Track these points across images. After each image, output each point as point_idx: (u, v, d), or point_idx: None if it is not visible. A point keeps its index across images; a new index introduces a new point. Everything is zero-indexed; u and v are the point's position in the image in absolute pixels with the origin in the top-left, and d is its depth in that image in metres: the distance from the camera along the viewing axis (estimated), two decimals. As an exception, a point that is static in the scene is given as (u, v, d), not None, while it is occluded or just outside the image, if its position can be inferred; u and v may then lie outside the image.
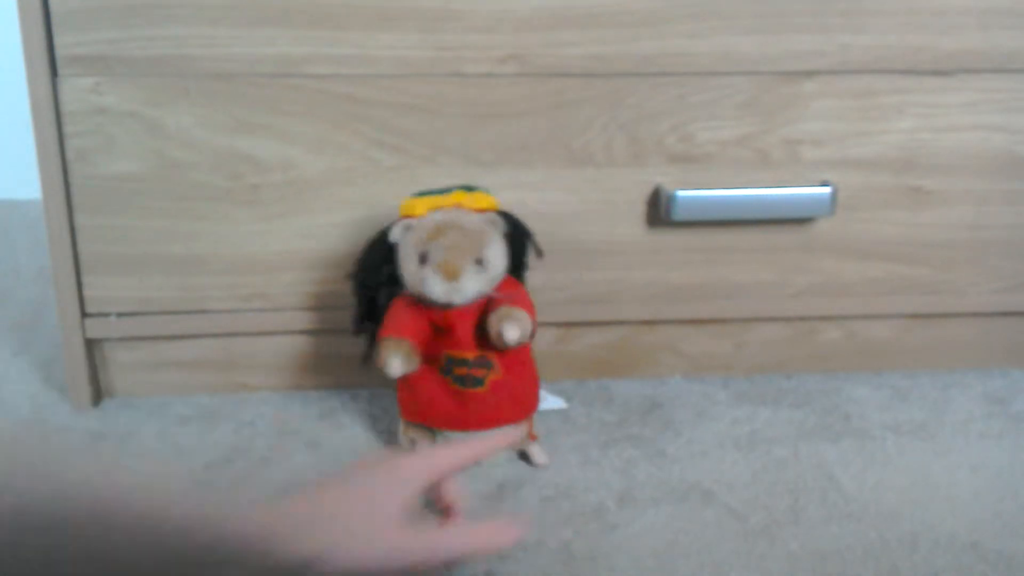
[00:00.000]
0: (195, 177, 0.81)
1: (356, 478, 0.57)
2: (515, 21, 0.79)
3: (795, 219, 0.86)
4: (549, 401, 0.86)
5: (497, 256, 0.74)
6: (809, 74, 0.83)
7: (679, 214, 0.83)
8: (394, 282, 0.76)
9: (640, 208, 0.85)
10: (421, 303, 0.74)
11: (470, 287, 0.72)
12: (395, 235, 0.75)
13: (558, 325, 0.89)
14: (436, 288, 0.72)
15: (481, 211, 0.75)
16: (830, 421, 0.86)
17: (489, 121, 0.82)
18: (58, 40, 0.77)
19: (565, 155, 0.83)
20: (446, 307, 0.73)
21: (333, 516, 0.53)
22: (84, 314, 0.84)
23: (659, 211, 0.85)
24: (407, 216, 0.75)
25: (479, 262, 0.73)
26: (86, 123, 0.79)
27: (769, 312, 0.90)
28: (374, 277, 0.77)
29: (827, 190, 0.84)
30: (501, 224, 0.75)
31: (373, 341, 0.80)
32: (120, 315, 0.85)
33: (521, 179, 0.83)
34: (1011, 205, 0.88)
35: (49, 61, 0.78)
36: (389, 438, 0.82)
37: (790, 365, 0.94)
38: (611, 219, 0.85)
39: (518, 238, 0.77)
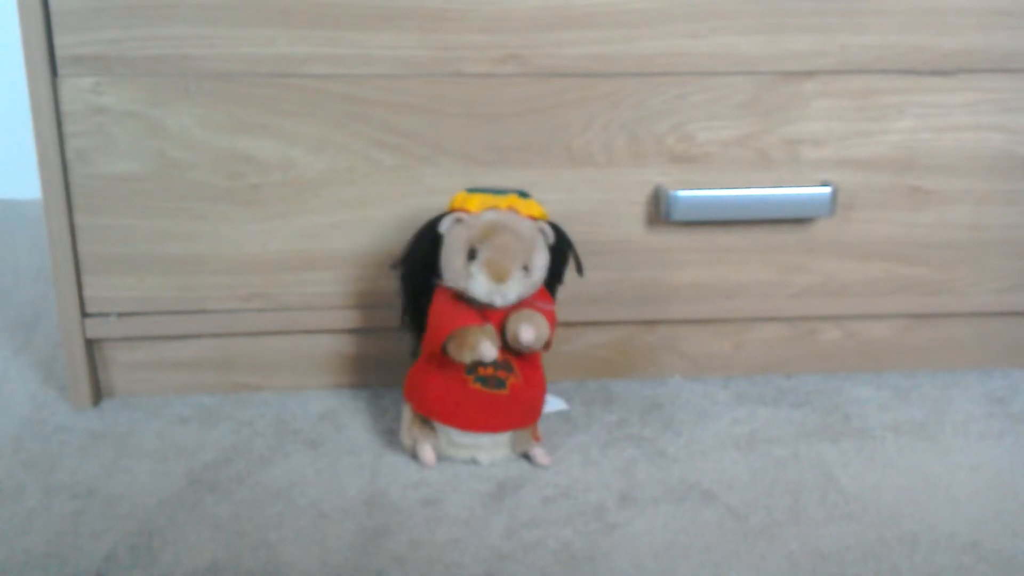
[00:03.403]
0: (195, 177, 0.81)
1: None
2: (515, 21, 0.79)
3: (795, 219, 0.86)
4: (551, 403, 0.86)
5: (542, 265, 0.74)
6: (809, 74, 0.83)
7: (679, 214, 0.83)
8: (436, 274, 0.76)
9: (640, 208, 0.85)
10: (459, 298, 0.74)
11: (514, 291, 0.73)
12: (444, 226, 0.75)
13: (558, 325, 0.89)
14: (481, 287, 0.72)
15: (532, 218, 0.75)
16: (830, 421, 0.86)
17: (489, 121, 0.82)
18: (58, 40, 0.77)
19: (565, 155, 0.83)
20: (484, 306, 0.74)
21: None
22: (84, 314, 0.84)
23: (659, 211, 0.85)
24: (458, 209, 0.75)
25: (526, 268, 0.73)
26: (86, 123, 0.79)
27: (769, 312, 0.90)
28: (422, 268, 0.77)
29: (827, 190, 0.84)
30: (550, 234, 0.75)
31: (419, 334, 0.80)
32: (120, 315, 0.85)
33: (521, 179, 0.83)
34: (1010, 205, 0.88)
35: (49, 61, 0.77)
36: (390, 438, 0.82)
37: (790, 365, 0.94)
38: (611, 219, 0.85)
39: (561, 251, 0.78)
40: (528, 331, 0.72)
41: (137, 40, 0.78)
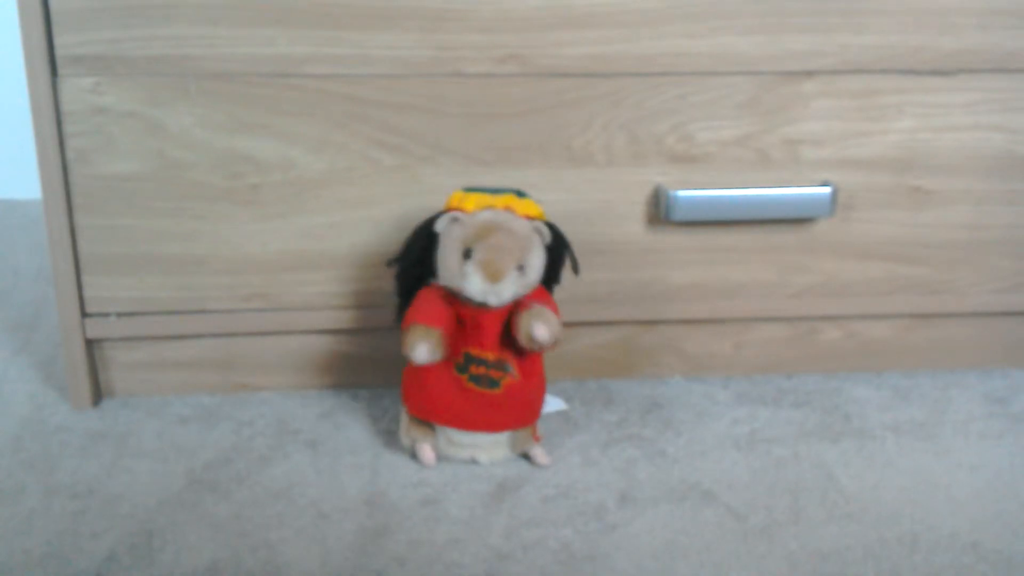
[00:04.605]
0: (195, 177, 0.81)
1: None
2: (515, 21, 0.79)
3: (795, 219, 0.86)
4: (551, 403, 0.86)
5: (537, 264, 0.74)
6: (809, 74, 0.83)
7: (679, 214, 0.83)
8: (432, 273, 0.76)
9: (640, 208, 0.85)
10: (452, 296, 0.74)
11: (509, 291, 0.73)
12: (440, 226, 0.75)
13: (558, 325, 0.89)
14: (475, 286, 0.72)
15: (528, 218, 0.75)
16: (830, 421, 0.86)
17: (489, 121, 0.82)
18: (58, 40, 0.77)
19: (565, 155, 0.83)
20: (478, 306, 0.74)
21: None
22: (84, 314, 0.84)
23: (659, 211, 0.85)
24: (454, 208, 0.75)
25: (521, 268, 0.73)
26: (86, 123, 0.79)
27: (769, 312, 0.90)
28: (418, 267, 0.77)
29: (827, 190, 0.84)
30: (546, 234, 0.75)
31: None
32: (120, 315, 0.85)
33: (521, 179, 0.83)
34: (1011, 205, 0.88)
35: (49, 61, 0.77)
36: (389, 438, 0.82)
37: (790, 365, 0.94)
38: (611, 219, 0.85)
39: (558, 251, 0.78)
40: (543, 329, 0.72)
41: (137, 40, 0.78)
